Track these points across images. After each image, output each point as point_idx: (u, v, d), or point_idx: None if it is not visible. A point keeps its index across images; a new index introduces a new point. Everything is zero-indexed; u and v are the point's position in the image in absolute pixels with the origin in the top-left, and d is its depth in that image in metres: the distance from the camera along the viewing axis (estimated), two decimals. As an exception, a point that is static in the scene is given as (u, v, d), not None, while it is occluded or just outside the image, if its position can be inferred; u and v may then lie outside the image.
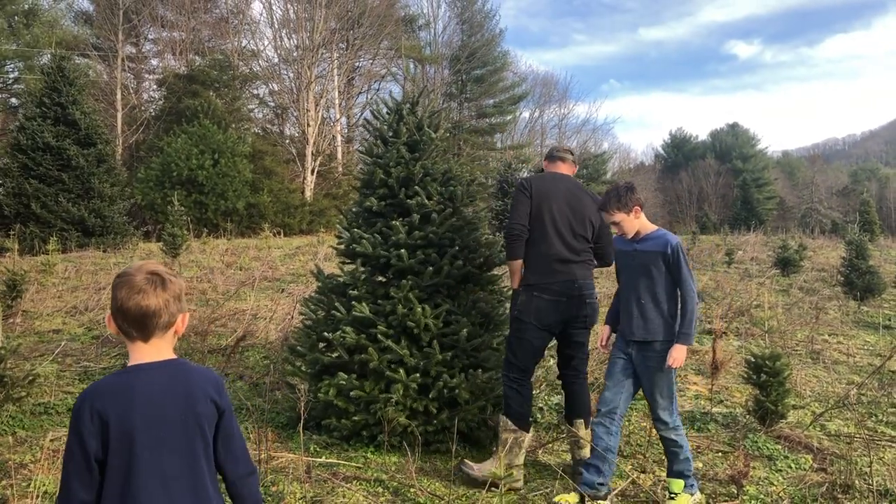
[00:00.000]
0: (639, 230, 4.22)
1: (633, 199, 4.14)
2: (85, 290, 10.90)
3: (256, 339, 7.99)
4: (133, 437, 1.88)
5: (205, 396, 2.00)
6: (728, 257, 20.40)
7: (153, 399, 1.93)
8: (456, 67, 48.92)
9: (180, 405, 1.96)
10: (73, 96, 18.80)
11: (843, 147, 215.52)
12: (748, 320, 10.58)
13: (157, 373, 1.98)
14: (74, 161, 18.15)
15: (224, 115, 29.57)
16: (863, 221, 33.60)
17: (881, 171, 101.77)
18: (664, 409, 4.14)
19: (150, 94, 38.83)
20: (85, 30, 36.38)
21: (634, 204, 4.15)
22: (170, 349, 2.05)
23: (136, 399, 1.91)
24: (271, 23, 38.51)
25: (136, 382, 1.94)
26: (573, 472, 4.47)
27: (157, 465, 1.91)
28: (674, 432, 4.16)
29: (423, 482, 4.34)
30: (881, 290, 13.83)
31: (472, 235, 5.21)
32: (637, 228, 4.21)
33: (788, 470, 4.88)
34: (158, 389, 1.95)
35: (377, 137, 5.49)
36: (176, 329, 2.05)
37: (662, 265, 4.09)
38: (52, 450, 4.50)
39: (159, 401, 1.94)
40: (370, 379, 4.83)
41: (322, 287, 5.37)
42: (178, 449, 1.94)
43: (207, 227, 24.58)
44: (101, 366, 6.77)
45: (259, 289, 11.76)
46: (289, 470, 4.37)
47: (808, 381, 7.36)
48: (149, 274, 1.99)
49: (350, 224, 5.36)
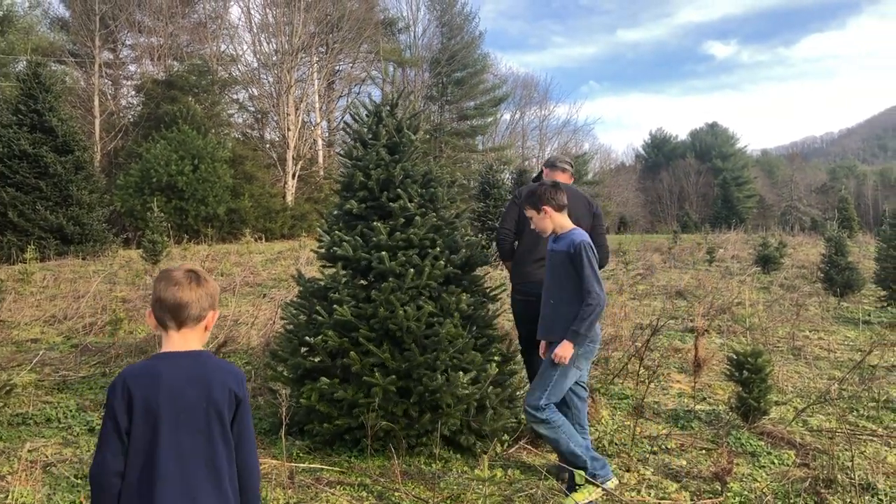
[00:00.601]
0: (555, 230, 4.24)
1: (544, 199, 4.17)
2: (64, 298, 10.78)
3: (238, 344, 7.93)
4: (157, 416, 2.12)
5: (222, 385, 2.22)
6: (709, 256, 20.54)
7: (176, 383, 2.16)
8: (436, 70, 48.98)
9: (199, 390, 2.18)
10: (50, 103, 18.62)
11: (821, 145, 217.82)
12: (730, 318, 10.63)
13: (182, 360, 2.22)
14: (52, 168, 17.97)
15: (203, 121, 29.38)
16: (841, 218, 34.04)
17: (859, 168, 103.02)
18: (532, 394, 4.11)
19: (128, 100, 38.56)
20: (61, 36, 36.05)
21: (543, 204, 4.17)
22: (198, 342, 2.30)
23: (162, 382, 2.15)
24: (250, 27, 38.41)
25: (162, 368, 2.18)
26: (557, 471, 4.47)
27: (177, 443, 2.13)
28: (543, 426, 4.08)
29: (407, 485, 4.31)
30: (860, 286, 13.95)
31: (453, 236, 5.19)
32: (549, 228, 4.24)
33: (771, 466, 4.90)
34: (182, 375, 2.19)
35: (356, 140, 5.46)
36: (206, 324, 2.31)
37: (570, 265, 4.05)
38: (30, 461, 4.43)
39: (181, 385, 2.17)
40: (353, 383, 4.79)
41: (303, 291, 5.33)
42: (197, 430, 2.17)
43: (188, 234, 24.41)
44: (81, 374, 6.69)
45: (240, 294, 11.68)
46: (272, 476, 4.33)
47: (789, 377, 7.40)
48: (187, 271, 2.29)
49: (331, 227, 5.32)
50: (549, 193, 4.19)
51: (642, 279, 16.33)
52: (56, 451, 4.80)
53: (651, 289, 14.62)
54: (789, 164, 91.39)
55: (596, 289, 3.96)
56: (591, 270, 3.96)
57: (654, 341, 8.36)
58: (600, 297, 3.97)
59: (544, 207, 4.19)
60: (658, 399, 6.54)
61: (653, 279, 16.40)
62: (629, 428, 5.54)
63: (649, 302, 12.74)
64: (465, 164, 49.01)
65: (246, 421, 2.29)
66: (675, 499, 4.31)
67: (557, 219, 4.22)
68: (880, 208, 63.02)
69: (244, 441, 2.28)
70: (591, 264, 3.98)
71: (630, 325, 9.66)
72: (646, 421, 5.83)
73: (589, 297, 3.95)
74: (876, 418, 5.98)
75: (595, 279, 3.96)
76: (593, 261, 4.00)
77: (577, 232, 4.16)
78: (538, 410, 4.07)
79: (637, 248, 25.60)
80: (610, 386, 6.80)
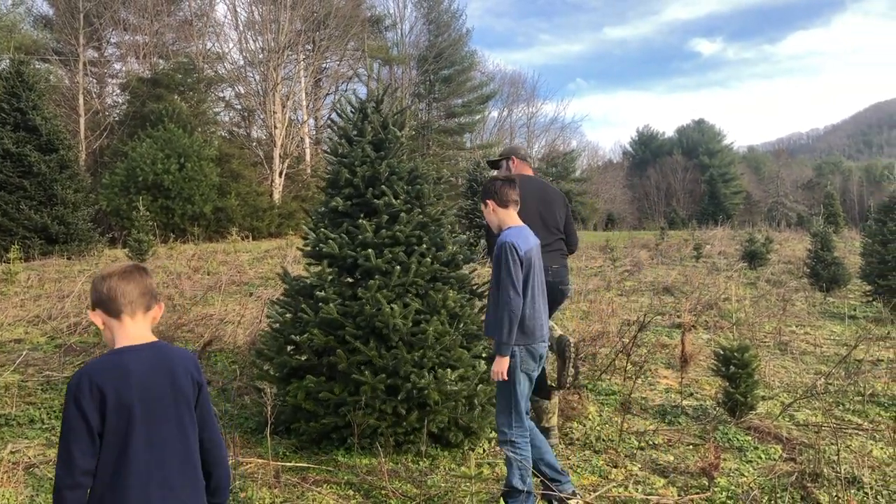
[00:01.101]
0: (500, 226, 4.08)
1: (488, 193, 4.07)
2: (48, 298, 10.68)
3: (224, 343, 7.88)
4: (131, 411, 2.12)
5: (186, 373, 2.27)
6: (696, 252, 20.62)
7: (145, 376, 2.18)
8: (424, 68, 48.90)
9: (166, 380, 2.22)
10: (34, 101, 18.45)
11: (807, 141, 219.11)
12: (717, 313, 10.67)
13: (145, 353, 2.23)
14: (36, 167, 17.81)
15: (189, 119, 29.18)
16: (827, 214, 34.24)
17: (844, 165, 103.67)
18: (501, 420, 3.92)
19: (113, 98, 38.23)
20: (45, 34, 35.67)
21: (487, 197, 4.07)
22: (150, 332, 2.32)
23: (132, 376, 2.15)
24: (236, 25, 38.13)
25: (128, 361, 2.18)
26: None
27: (149, 434, 2.15)
28: (509, 447, 3.86)
29: (394, 483, 4.30)
30: (846, 281, 14.04)
31: (440, 233, 5.17)
32: (496, 223, 4.11)
33: (758, 460, 4.91)
34: (149, 367, 2.20)
35: (342, 136, 5.42)
36: (154, 315, 2.33)
37: (497, 269, 3.87)
38: (12, 462, 4.38)
39: (150, 377, 2.19)
40: (339, 381, 4.77)
41: (289, 289, 5.30)
42: (167, 420, 2.20)
43: (174, 233, 24.26)
44: (65, 374, 6.62)
45: (227, 293, 11.61)
46: (258, 475, 4.31)
47: (776, 372, 7.43)
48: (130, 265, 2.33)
49: (316, 225, 5.29)
50: (494, 188, 4.06)
51: (630, 276, 16.36)
52: (39, 453, 4.75)
53: (638, 285, 14.65)
54: (775, 161, 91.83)
55: (510, 293, 3.74)
56: (507, 273, 3.76)
57: (641, 337, 8.37)
58: (513, 302, 3.74)
59: (488, 201, 4.07)
60: (645, 395, 6.55)
61: (640, 276, 16.43)
62: (616, 424, 5.54)
63: (637, 298, 12.76)
64: (452, 162, 48.95)
65: (208, 404, 2.36)
66: (663, 494, 4.31)
67: (501, 214, 4.06)
68: (865, 204, 63.49)
69: (208, 422, 2.34)
70: (508, 267, 3.76)
71: (617, 321, 9.67)
72: (633, 416, 5.84)
73: (503, 303, 3.77)
74: (861, 412, 6.01)
75: (510, 283, 3.75)
76: (510, 264, 3.76)
77: (511, 232, 3.94)
78: (510, 430, 3.88)
79: (624, 245, 25.66)
80: (597, 382, 6.80)
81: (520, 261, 3.79)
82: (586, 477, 4.59)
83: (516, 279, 3.76)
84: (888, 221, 12.07)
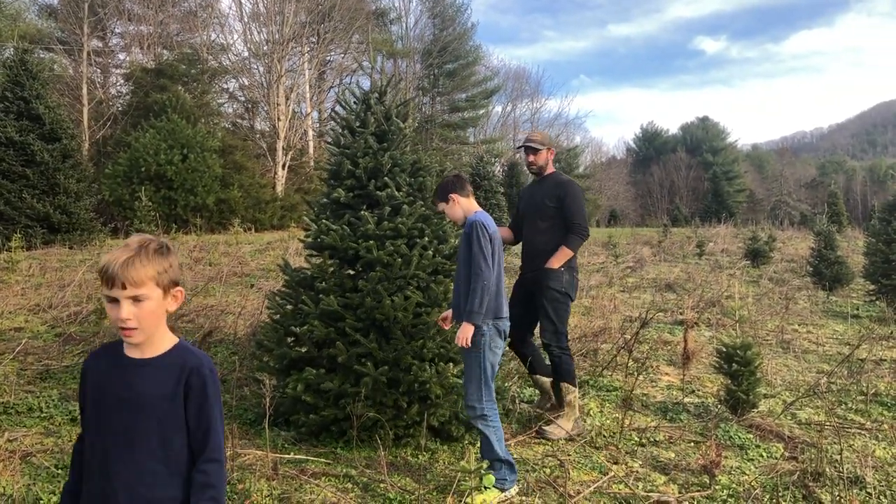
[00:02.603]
0: (465, 215, 4.32)
1: (448, 188, 4.33)
2: (49, 287, 10.66)
3: (225, 334, 7.85)
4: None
5: None
6: (699, 249, 20.57)
7: None
8: (428, 62, 48.79)
9: None
10: (37, 90, 18.37)
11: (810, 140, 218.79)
12: (719, 311, 10.63)
13: None
14: (39, 156, 17.75)
15: (193, 110, 29.11)
16: (831, 213, 34.19)
17: (848, 164, 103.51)
18: (471, 394, 4.10)
19: (117, 88, 38.11)
20: (49, 23, 35.58)
21: (449, 192, 4.32)
22: None
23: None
24: (241, 16, 38.10)
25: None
26: None
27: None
28: (480, 421, 4.09)
29: (393, 477, 4.27)
30: (849, 280, 14.00)
31: (442, 226, 5.14)
32: (461, 215, 4.34)
33: (760, 459, 4.88)
34: None
35: (344, 127, 5.38)
36: None
37: (468, 246, 4.11)
38: (9, 451, 4.35)
39: None
40: (339, 373, 4.74)
41: (290, 280, 5.27)
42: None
43: (177, 223, 24.20)
44: (64, 363, 6.60)
45: (228, 284, 11.59)
46: (255, 467, 4.28)
47: (778, 370, 7.39)
48: None
49: (318, 216, 5.25)
50: (453, 183, 4.35)
51: (632, 272, 16.32)
52: (37, 441, 4.73)
53: (641, 282, 14.61)
54: (779, 159, 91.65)
55: (482, 265, 4.00)
56: (479, 248, 4.02)
57: (643, 334, 8.33)
58: (484, 273, 4.00)
59: (451, 196, 4.32)
60: (647, 391, 6.52)
61: (642, 272, 16.39)
62: (618, 420, 5.51)
63: (639, 295, 12.73)
64: (456, 157, 48.84)
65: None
66: (664, 491, 4.28)
67: (464, 203, 4.33)
68: (869, 203, 63.35)
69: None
70: (480, 242, 4.03)
71: (619, 317, 9.64)
72: (634, 413, 5.81)
73: (475, 275, 4.01)
74: (864, 412, 5.97)
75: (482, 256, 4.01)
76: (482, 240, 4.04)
77: (479, 214, 4.26)
78: (480, 403, 4.08)
79: (627, 242, 25.60)
80: (599, 378, 6.77)
81: (489, 237, 4.09)
82: (587, 472, 4.56)
83: (487, 253, 4.04)
84: (892, 220, 12.03)
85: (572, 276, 5.38)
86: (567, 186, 5.50)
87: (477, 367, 4.09)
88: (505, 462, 4.11)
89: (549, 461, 4.72)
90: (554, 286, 5.27)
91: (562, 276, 5.29)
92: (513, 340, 5.46)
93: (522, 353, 5.62)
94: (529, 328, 5.60)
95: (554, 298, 5.28)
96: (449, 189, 4.33)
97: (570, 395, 5.30)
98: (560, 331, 5.30)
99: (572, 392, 5.31)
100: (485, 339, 4.07)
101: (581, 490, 4.21)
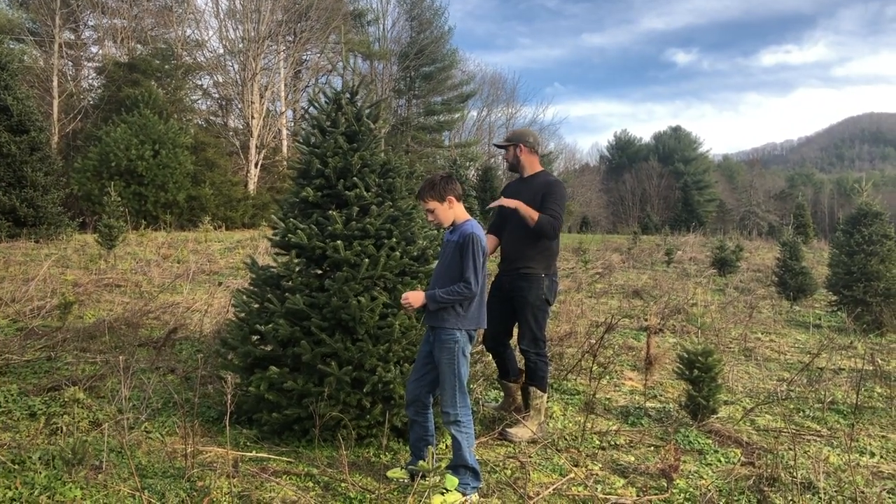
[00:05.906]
0: (455, 221, 4.26)
1: (448, 189, 4.21)
2: (12, 280, 10.50)
3: (190, 331, 7.80)
4: None
5: None
6: (667, 257, 20.80)
7: None
8: (405, 64, 48.84)
9: None
10: (6, 81, 18.10)
11: (781, 152, 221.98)
12: (684, 318, 10.76)
13: None
14: (6, 148, 17.48)
15: (166, 106, 28.86)
16: (797, 224, 34.75)
17: (816, 177, 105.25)
18: (446, 400, 4.13)
19: (88, 81, 37.67)
20: (20, 13, 35.05)
21: (449, 193, 4.21)
22: None
23: None
24: (216, 13, 37.84)
25: None
26: None
27: None
28: (454, 426, 4.10)
29: (354, 476, 4.28)
30: (813, 291, 14.25)
31: (410, 227, 5.16)
32: (450, 219, 4.26)
33: (718, 463, 4.95)
34: None
35: (314, 126, 5.38)
36: None
37: (458, 254, 4.10)
38: (-35, 444, 4.29)
39: None
40: (303, 372, 4.74)
41: (256, 278, 5.26)
42: None
43: (147, 220, 23.96)
44: (25, 358, 6.51)
45: (196, 282, 11.50)
46: (216, 465, 4.27)
47: (739, 377, 7.51)
48: None
49: (286, 214, 5.25)
50: (451, 184, 4.25)
51: (601, 278, 16.45)
52: (-6, 436, 4.66)
53: (609, 288, 14.73)
54: (749, 170, 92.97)
55: (472, 278, 4.02)
56: (473, 262, 4.03)
57: (608, 339, 8.42)
58: (472, 289, 4.02)
59: (449, 198, 4.22)
60: (610, 396, 6.59)
61: (611, 278, 16.53)
62: (580, 423, 5.57)
63: (606, 300, 12.84)
64: (430, 160, 48.88)
65: None
66: (622, 494, 4.34)
67: (457, 208, 4.27)
68: (836, 216, 64.41)
69: None
70: (476, 258, 4.04)
71: (586, 322, 9.73)
72: (597, 417, 5.86)
73: (464, 283, 4.02)
74: (821, 419, 6.09)
75: (473, 270, 4.03)
76: (479, 255, 4.05)
77: (474, 224, 4.22)
78: (455, 409, 4.09)
79: (597, 248, 25.80)
80: (563, 382, 6.83)
81: (482, 253, 4.09)
82: (547, 474, 4.61)
83: (479, 269, 4.05)
84: (855, 233, 12.26)
85: (552, 282, 5.41)
86: (552, 186, 5.42)
87: (451, 374, 4.10)
88: (470, 469, 4.12)
89: (510, 462, 4.76)
90: (534, 293, 5.30)
91: (542, 282, 5.32)
92: (490, 344, 5.49)
93: (498, 357, 5.60)
94: (507, 332, 5.58)
95: (535, 305, 5.31)
96: (448, 190, 4.22)
97: (537, 399, 5.37)
98: (538, 337, 5.34)
99: (540, 397, 5.38)
100: (458, 345, 4.09)
101: (540, 492, 4.25)
